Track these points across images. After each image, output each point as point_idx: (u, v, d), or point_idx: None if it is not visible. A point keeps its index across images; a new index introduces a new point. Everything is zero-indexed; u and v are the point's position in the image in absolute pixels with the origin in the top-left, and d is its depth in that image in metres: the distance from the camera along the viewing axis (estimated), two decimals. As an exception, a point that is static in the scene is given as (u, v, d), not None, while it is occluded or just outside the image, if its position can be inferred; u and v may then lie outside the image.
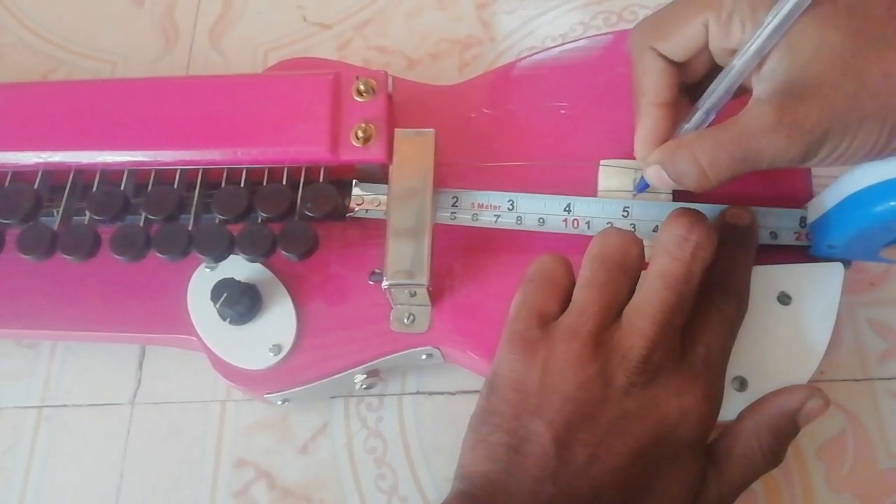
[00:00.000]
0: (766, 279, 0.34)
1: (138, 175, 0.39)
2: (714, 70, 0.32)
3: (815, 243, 0.35)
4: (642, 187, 0.36)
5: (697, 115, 0.32)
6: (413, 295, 0.36)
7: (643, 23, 0.33)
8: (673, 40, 0.32)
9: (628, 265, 0.32)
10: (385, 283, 0.35)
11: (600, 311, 0.31)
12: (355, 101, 0.38)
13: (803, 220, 0.35)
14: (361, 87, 0.38)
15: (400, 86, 0.41)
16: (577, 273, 0.33)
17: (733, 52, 0.30)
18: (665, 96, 0.33)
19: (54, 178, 0.39)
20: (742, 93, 0.31)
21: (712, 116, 0.32)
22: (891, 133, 0.28)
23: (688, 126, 0.32)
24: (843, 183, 0.32)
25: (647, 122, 0.33)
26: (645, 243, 0.33)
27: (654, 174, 0.33)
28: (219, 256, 0.36)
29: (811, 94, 0.28)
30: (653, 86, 0.32)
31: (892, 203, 0.30)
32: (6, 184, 0.38)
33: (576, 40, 0.42)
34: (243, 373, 0.37)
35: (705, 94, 0.32)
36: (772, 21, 0.28)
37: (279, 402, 0.39)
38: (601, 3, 0.49)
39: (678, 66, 0.33)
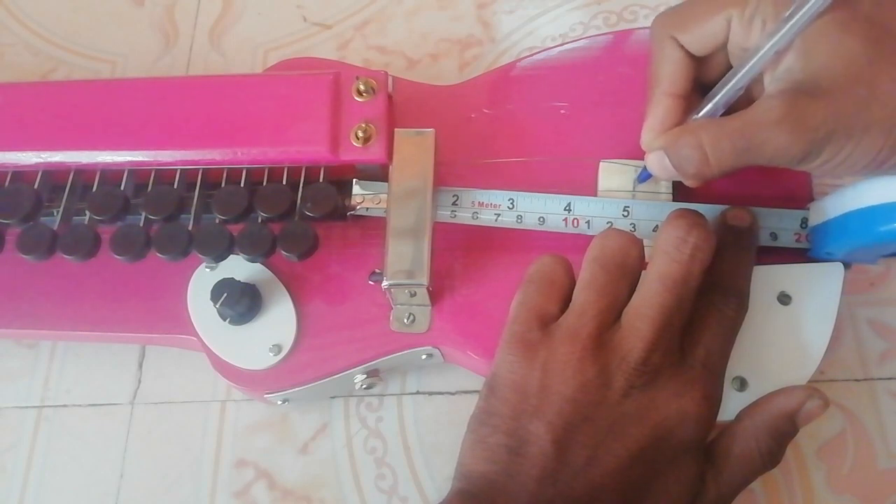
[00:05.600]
0: (766, 279, 0.34)
1: (138, 175, 0.39)
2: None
3: (815, 248, 0.35)
4: (644, 177, 0.36)
5: (707, 108, 0.32)
6: (413, 295, 0.36)
7: (666, 12, 0.33)
8: (694, 32, 0.32)
9: (628, 267, 0.32)
10: (385, 283, 0.35)
11: (600, 314, 0.31)
12: (355, 101, 0.38)
13: (805, 220, 0.35)
14: (361, 87, 0.38)
15: (400, 86, 0.41)
16: (577, 273, 0.33)
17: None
18: (679, 87, 0.33)
19: (54, 178, 0.39)
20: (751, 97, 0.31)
21: (722, 111, 0.32)
22: (894, 147, 0.28)
23: (696, 117, 0.32)
24: (847, 195, 0.32)
25: (658, 110, 0.33)
26: (645, 243, 0.33)
27: (656, 160, 0.32)
28: (219, 256, 0.36)
29: (821, 94, 0.28)
30: (668, 75, 0.33)
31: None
32: (6, 184, 0.38)
33: (576, 40, 0.42)
34: (243, 373, 0.37)
35: (717, 87, 0.32)
36: (792, 18, 0.28)
37: (279, 402, 0.39)
38: (601, 3, 0.49)
39: (695, 61, 0.33)
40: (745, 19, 0.30)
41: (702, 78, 0.33)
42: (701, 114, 0.32)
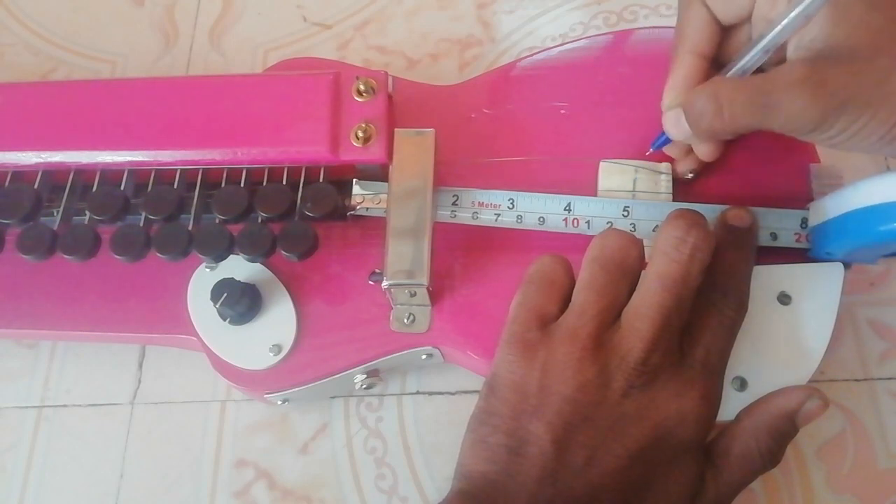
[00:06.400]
0: (766, 279, 0.34)
1: (138, 175, 0.39)
2: None
3: (815, 248, 0.35)
4: (659, 143, 0.36)
5: (732, 70, 0.32)
6: (413, 295, 0.36)
7: None
8: None
9: (628, 267, 0.32)
10: (385, 284, 0.35)
11: (599, 314, 0.31)
12: (355, 101, 0.38)
13: (804, 221, 0.35)
14: (361, 87, 0.38)
15: (400, 86, 0.41)
16: (577, 273, 0.32)
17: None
18: (704, 47, 0.33)
19: (54, 178, 0.39)
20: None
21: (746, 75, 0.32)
22: None
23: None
24: (846, 195, 0.32)
25: (681, 69, 0.33)
26: (645, 243, 0.33)
27: (673, 118, 0.33)
28: (219, 256, 0.36)
29: (844, 61, 0.28)
30: (694, 33, 0.33)
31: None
32: (6, 184, 0.38)
33: (576, 40, 0.42)
34: (243, 373, 0.37)
35: (743, 51, 0.32)
36: None
37: (279, 402, 0.39)
38: (601, 3, 0.49)
39: (721, 29, 0.33)
40: None
41: (723, 54, 0.34)
42: (726, 75, 0.32)
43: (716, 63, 0.34)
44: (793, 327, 0.34)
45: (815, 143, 0.37)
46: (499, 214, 0.37)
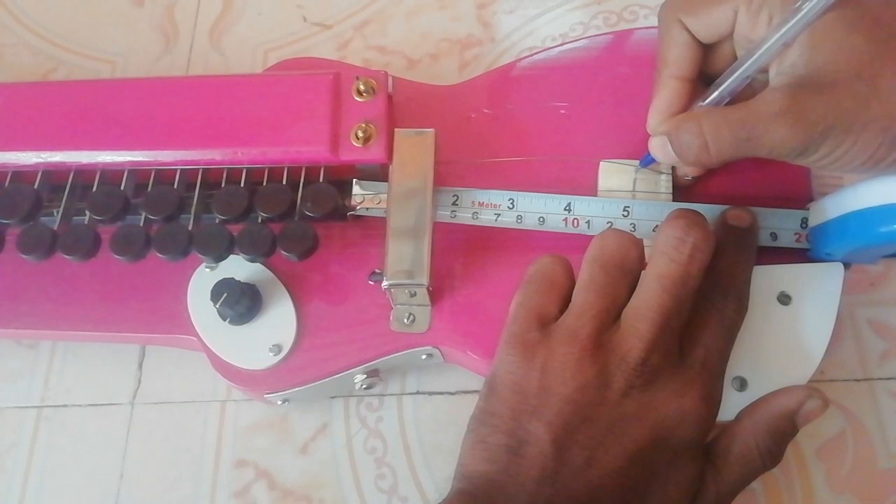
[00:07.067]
0: (766, 279, 0.34)
1: (138, 175, 0.39)
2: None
3: (814, 248, 0.35)
4: (646, 162, 0.36)
5: (713, 96, 0.32)
6: (413, 295, 0.36)
7: None
8: (701, 18, 0.32)
9: (627, 267, 0.32)
10: (385, 283, 0.35)
11: (599, 314, 0.31)
12: (355, 101, 0.38)
13: (804, 221, 0.35)
14: (361, 87, 0.38)
15: (400, 86, 0.41)
16: (577, 273, 0.32)
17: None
18: (686, 70, 0.33)
19: (54, 178, 0.39)
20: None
21: (727, 99, 0.32)
22: (891, 144, 0.28)
23: (701, 105, 0.32)
24: (846, 196, 0.32)
25: (664, 93, 0.33)
26: (645, 243, 0.33)
27: (659, 145, 0.33)
28: (219, 256, 0.36)
29: (823, 89, 0.28)
30: (675, 58, 0.33)
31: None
32: (6, 184, 0.38)
33: (576, 40, 0.42)
34: (243, 373, 0.37)
35: (723, 76, 0.32)
36: (800, 11, 0.28)
37: (279, 402, 0.39)
38: (601, 3, 0.49)
39: (702, 47, 0.33)
40: (751, 11, 0.30)
41: (707, 69, 0.34)
42: (706, 101, 0.32)
43: (702, 76, 0.34)
44: (793, 327, 0.34)
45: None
46: (499, 214, 0.37)
